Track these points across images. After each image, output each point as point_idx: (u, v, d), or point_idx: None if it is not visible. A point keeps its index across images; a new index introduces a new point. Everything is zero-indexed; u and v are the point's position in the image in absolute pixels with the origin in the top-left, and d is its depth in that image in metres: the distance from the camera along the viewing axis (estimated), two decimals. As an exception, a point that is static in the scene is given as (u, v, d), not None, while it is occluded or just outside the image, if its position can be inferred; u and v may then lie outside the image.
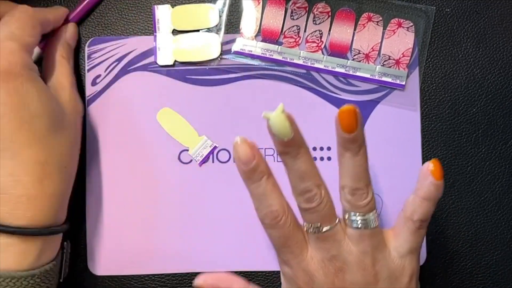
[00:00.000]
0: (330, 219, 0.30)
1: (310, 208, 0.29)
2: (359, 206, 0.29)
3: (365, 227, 0.29)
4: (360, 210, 0.29)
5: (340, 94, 0.38)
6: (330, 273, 0.30)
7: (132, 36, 0.38)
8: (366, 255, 0.29)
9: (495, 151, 0.38)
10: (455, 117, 0.38)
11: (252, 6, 0.38)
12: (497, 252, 0.38)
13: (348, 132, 0.28)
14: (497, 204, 0.38)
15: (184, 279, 0.37)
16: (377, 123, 0.38)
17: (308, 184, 0.29)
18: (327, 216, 0.29)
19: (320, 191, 0.29)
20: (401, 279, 0.30)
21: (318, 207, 0.29)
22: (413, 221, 0.30)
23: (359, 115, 0.28)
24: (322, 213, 0.29)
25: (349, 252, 0.30)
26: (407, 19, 0.38)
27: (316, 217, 0.29)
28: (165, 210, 0.37)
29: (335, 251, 0.30)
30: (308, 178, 0.29)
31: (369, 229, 0.29)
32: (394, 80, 0.38)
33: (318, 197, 0.29)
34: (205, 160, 0.38)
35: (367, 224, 0.29)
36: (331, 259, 0.30)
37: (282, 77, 0.38)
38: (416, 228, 0.30)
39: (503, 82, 0.38)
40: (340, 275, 0.30)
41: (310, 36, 0.38)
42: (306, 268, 0.30)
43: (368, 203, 0.29)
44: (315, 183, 0.29)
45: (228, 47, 0.38)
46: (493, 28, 0.38)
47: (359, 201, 0.29)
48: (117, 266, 0.37)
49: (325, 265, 0.30)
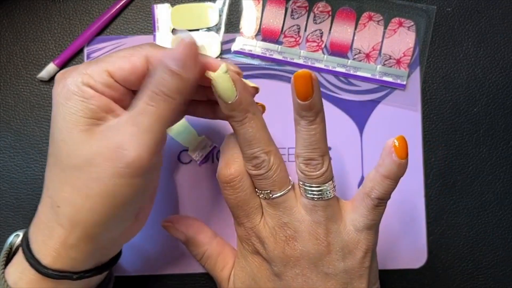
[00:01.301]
0: (280, 186, 0.29)
1: (258, 175, 0.29)
2: (313, 177, 0.29)
3: (320, 198, 0.29)
4: (314, 181, 0.29)
5: (340, 94, 0.38)
6: (281, 240, 0.29)
7: (132, 36, 0.38)
8: (319, 225, 0.29)
9: (496, 151, 0.38)
10: (456, 117, 0.38)
11: (252, 5, 0.38)
12: (498, 253, 0.38)
13: (303, 99, 0.27)
14: (498, 205, 0.38)
15: (184, 280, 0.37)
16: (377, 123, 0.37)
17: (255, 150, 0.29)
18: (277, 183, 0.29)
19: (268, 158, 0.29)
20: (355, 252, 0.29)
21: (266, 174, 0.29)
22: (371, 198, 0.29)
23: (316, 81, 0.27)
24: (271, 180, 0.29)
25: (301, 220, 0.29)
26: (408, 19, 0.37)
27: (265, 183, 0.29)
28: (165, 210, 0.37)
29: (286, 218, 0.29)
30: (255, 144, 0.28)
31: (324, 200, 0.29)
32: (395, 80, 0.37)
33: (266, 164, 0.29)
34: (205, 160, 0.37)
35: (322, 195, 0.29)
36: (282, 226, 0.29)
37: (282, 77, 0.38)
38: (374, 205, 0.29)
39: (504, 81, 0.38)
40: (291, 243, 0.29)
41: (311, 36, 0.38)
42: (258, 233, 0.30)
43: (323, 174, 0.28)
44: (263, 149, 0.29)
45: (228, 47, 0.38)
46: (494, 28, 0.38)
47: (314, 172, 0.28)
48: (117, 266, 0.37)
49: (276, 232, 0.30)
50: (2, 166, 0.38)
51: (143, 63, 0.27)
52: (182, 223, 0.35)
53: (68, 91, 0.26)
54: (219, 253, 0.34)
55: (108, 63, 0.27)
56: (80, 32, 0.38)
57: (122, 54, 0.27)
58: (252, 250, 0.31)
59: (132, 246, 0.37)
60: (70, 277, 0.27)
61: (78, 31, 0.38)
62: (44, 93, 0.38)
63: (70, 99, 0.26)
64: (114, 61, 0.27)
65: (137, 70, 0.27)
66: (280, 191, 0.29)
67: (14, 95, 0.38)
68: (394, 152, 0.28)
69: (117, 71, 0.27)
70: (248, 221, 0.30)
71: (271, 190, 0.29)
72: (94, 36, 0.38)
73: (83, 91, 0.26)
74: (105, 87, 0.27)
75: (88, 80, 0.26)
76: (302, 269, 0.29)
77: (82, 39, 0.38)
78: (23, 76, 0.38)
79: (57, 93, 0.27)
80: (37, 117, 0.38)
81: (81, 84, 0.26)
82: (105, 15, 0.38)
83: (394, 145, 0.28)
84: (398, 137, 0.29)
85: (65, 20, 0.38)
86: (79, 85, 0.26)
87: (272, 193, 0.29)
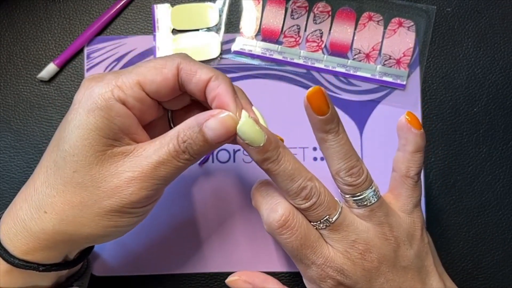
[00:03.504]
0: (335, 207, 0.28)
1: (312, 205, 0.28)
2: (361, 184, 0.28)
3: (372, 202, 0.29)
4: (362, 187, 0.29)
5: (340, 93, 0.38)
6: (357, 258, 0.29)
7: (132, 36, 0.38)
8: (382, 225, 0.29)
9: (496, 151, 0.38)
10: (456, 117, 0.38)
11: (252, 5, 0.38)
12: (498, 253, 0.38)
13: (322, 114, 0.27)
14: (498, 205, 0.38)
15: (183, 280, 0.37)
16: (377, 123, 0.37)
17: (300, 181, 0.27)
18: (331, 204, 0.28)
19: (314, 183, 0.28)
20: (415, 234, 0.30)
21: (319, 200, 0.28)
22: (411, 177, 0.30)
23: (327, 94, 0.27)
24: (326, 204, 0.28)
25: (366, 230, 0.29)
26: (407, 19, 0.37)
27: (322, 210, 0.28)
28: (164, 210, 0.37)
29: (353, 235, 0.29)
30: (298, 175, 0.28)
31: (377, 201, 0.29)
32: (395, 80, 0.37)
33: (316, 190, 0.28)
34: (205, 160, 0.37)
35: (373, 198, 0.29)
36: (353, 245, 0.29)
37: (282, 77, 0.38)
38: (414, 183, 0.30)
39: (504, 81, 0.38)
40: (367, 256, 0.29)
41: (311, 36, 0.38)
42: (333, 263, 0.28)
43: (366, 177, 0.29)
44: (306, 177, 0.28)
45: (228, 47, 0.38)
46: (494, 28, 0.38)
47: (359, 178, 0.28)
48: (117, 267, 0.37)
49: (349, 253, 0.28)
50: (2, 166, 0.38)
51: (175, 75, 0.26)
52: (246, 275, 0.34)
53: (93, 104, 0.25)
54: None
55: (139, 75, 0.26)
56: (80, 32, 0.38)
57: (153, 65, 0.26)
58: (333, 285, 0.29)
59: (132, 247, 0.37)
60: (36, 269, 0.27)
61: (78, 31, 0.38)
62: (44, 93, 0.38)
63: (92, 113, 0.25)
64: (146, 72, 0.26)
65: (169, 82, 0.26)
66: (336, 211, 0.28)
67: (14, 95, 0.38)
68: (412, 126, 0.30)
69: (149, 83, 0.26)
70: (318, 257, 0.28)
71: (329, 214, 0.28)
72: (94, 36, 0.38)
73: (109, 107, 0.25)
74: (135, 101, 0.26)
75: (119, 94, 0.25)
76: (384, 275, 0.29)
77: (82, 39, 0.38)
78: (23, 76, 0.38)
79: (79, 101, 0.26)
80: (37, 117, 0.38)
81: (109, 98, 0.25)
82: (105, 15, 0.38)
83: (408, 120, 0.30)
84: (406, 113, 0.30)
85: (65, 20, 0.38)
86: (108, 98, 0.25)
87: (331, 217, 0.28)
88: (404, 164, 0.30)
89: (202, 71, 0.27)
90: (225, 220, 0.37)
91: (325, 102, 0.27)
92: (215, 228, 0.37)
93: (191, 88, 0.27)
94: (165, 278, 0.37)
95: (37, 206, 0.26)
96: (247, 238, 0.37)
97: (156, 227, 0.37)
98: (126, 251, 0.37)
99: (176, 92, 0.28)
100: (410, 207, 0.30)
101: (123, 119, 0.26)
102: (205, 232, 0.37)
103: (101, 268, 0.37)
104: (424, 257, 0.30)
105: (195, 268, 0.37)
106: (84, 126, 0.25)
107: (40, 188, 0.26)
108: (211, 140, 0.26)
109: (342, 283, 0.29)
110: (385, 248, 0.29)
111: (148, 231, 0.37)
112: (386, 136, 0.37)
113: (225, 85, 0.27)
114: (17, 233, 0.26)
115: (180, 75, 0.27)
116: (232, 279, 0.34)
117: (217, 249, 0.37)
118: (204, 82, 0.27)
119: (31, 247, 0.26)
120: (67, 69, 0.38)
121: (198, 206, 0.37)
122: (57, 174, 0.26)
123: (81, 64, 0.38)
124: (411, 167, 0.30)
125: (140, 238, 0.37)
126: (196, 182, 0.37)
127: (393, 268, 0.29)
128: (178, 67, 0.26)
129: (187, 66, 0.27)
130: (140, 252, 0.37)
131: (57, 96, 0.38)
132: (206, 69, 0.27)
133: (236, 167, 0.37)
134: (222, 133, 0.26)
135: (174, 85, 0.27)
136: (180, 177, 0.37)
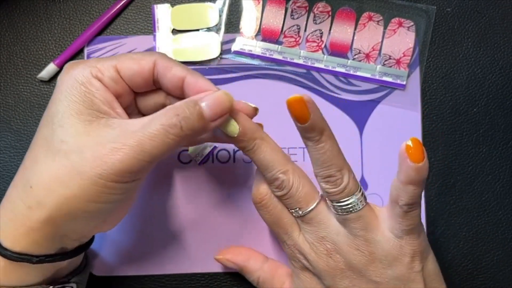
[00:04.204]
0: (307, 202, 0.29)
1: (282, 195, 0.30)
2: (336, 193, 0.28)
3: (349, 212, 0.28)
4: (338, 196, 0.28)
5: (340, 94, 0.38)
6: (322, 254, 0.30)
7: (132, 36, 0.38)
8: (356, 237, 0.29)
9: (496, 151, 0.38)
10: (456, 117, 0.38)
11: (252, 5, 0.38)
12: (498, 253, 0.38)
13: (302, 122, 0.27)
14: (498, 205, 0.38)
15: (183, 280, 0.37)
16: (377, 123, 0.37)
17: (273, 172, 0.29)
18: (302, 199, 0.29)
19: (287, 177, 0.29)
20: (401, 258, 0.29)
21: (289, 193, 0.29)
22: (400, 206, 0.28)
23: (310, 103, 0.27)
24: (296, 198, 0.29)
25: (337, 233, 0.29)
26: (407, 19, 0.38)
27: (291, 202, 0.30)
28: (165, 210, 0.37)
29: (322, 232, 0.30)
30: (271, 167, 0.29)
31: (354, 213, 0.28)
32: (395, 80, 0.37)
33: (286, 184, 0.29)
34: (205, 160, 0.37)
35: (351, 208, 0.28)
36: (321, 241, 0.30)
37: (282, 77, 0.38)
38: (404, 212, 0.28)
39: (504, 81, 0.38)
40: (333, 255, 0.29)
41: (311, 36, 0.38)
42: (300, 249, 0.31)
43: (344, 188, 0.28)
44: (279, 170, 0.29)
45: (228, 47, 0.38)
46: (494, 28, 0.38)
47: (335, 188, 0.28)
48: (117, 266, 0.37)
49: (315, 247, 0.30)
50: (2, 166, 0.38)
51: (151, 68, 0.28)
52: (231, 253, 0.35)
53: (75, 81, 0.27)
54: (273, 276, 0.34)
55: (117, 60, 0.28)
56: (80, 32, 0.38)
57: (132, 56, 0.29)
58: (301, 266, 0.31)
59: (132, 247, 0.37)
60: (30, 260, 0.27)
61: (78, 31, 0.38)
62: (44, 93, 0.38)
63: (75, 88, 0.27)
64: (124, 60, 0.28)
65: (144, 73, 0.28)
66: (308, 207, 0.30)
67: (14, 95, 0.38)
68: (408, 157, 0.26)
69: (125, 69, 0.28)
70: (288, 238, 0.31)
71: (299, 207, 0.30)
72: (94, 36, 0.38)
73: (90, 82, 0.27)
74: (111, 81, 0.28)
75: (97, 73, 0.27)
76: (351, 279, 0.29)
77: (82, 39, 0.38)
78: (23, 76, 0.38)
79: (62, 81, 0.27)
80: (37, 117, 0.38)
81: (89, 75, 0.27)
82: (105, 15, 0.38)
83: (408, 149, 0.26)
84: (412, 139, 0.27)
85: (65, 20, 0.39)
86: (87, 76, 0.27)
87: (301, 210, 0.30)
88: (395, 191, 0.28)
89: (177, 68, 0.29)
90: (225, 220, 0.37)
91: (305, 111, 0.27)
92: (215, 228, 0.37)
93: (166, 83, 0.29)
94: (165, 278, 0.37)
95: (24, 183, 0.26)
96: (248, 238, 0.37)
97: (156, 227, 0.37)
98: (126, 251, 0.37)
99: (150, 84, 0.29)
100: (399, 232, 0.28)
101: (102, 93, 0.27)
102: (205, 232, 0.37)
103: (100, 268, 0.37)
104: (409, 283, 0.29)
105: (195, 268, 0.37)
106: (68, 99, 0.27)
107: (29, 163, 0.27)
108: (207, 116, 0.27)
109: (308, 268, 0.31)
110: (353, 257, 0.29)
111: (148, 231, 0.37)
112: (386, 136, 0.37)
113: (203, 79, 0.29)
114: (7, 222, 0.26)
115: (156, 69, 0.29)
116: (217, 257, 0.36)
117: (217, 249, 0.37)
118: (178, 78, 0.28)
119: (20, 232, 0.26)
120: (67, 69, 0.38)
121: (198, 206, 0.37)
122: (44, 146, 0.26)
123: (81, 64, 0.38)
124: (400, 196, 0.27)
125: (140, 238, 0.37)
126: (196, 182, 0.37)
127: (362, 277, 0.29)
128: (154, 62, 0.28)
129: (163, 62, 0.29)
130: (140, 252, 0.37)
131: (57, 96, 0.38)
132: (181, 66, 0.29)
133: (236, 167, 0.37)
134: (218, 110, 0.27)
135: (149, 77, 0.29)
136: (180, 177, 0.37)
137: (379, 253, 0.29)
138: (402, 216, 0.28)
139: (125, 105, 0.29)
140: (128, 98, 0.29)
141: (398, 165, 0.27)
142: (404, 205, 0.27)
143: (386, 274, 0.29)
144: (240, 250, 0.36)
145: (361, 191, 0.29)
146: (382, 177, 0.37)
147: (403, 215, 0.28)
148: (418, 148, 0.26)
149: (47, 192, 0.26)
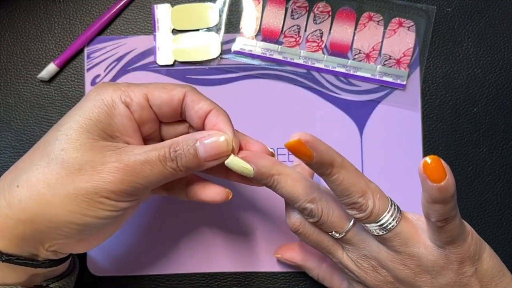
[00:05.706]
0: (341, 225, 0.29)
1: (315, 222, 0.30)
2: (364, 218, 0.28)
3: (384, 233, 0.28)
4: (366, 220, 0.28)
5: (340, 93, 0.38)
6: (369, 270, 0.30)
7: (132, 36, 0.38)
8: (398, 253, 0.29)
9: (496, 151, 0.38)
10: (456, 117, 0.38)
11: (252, 6, 0.38)
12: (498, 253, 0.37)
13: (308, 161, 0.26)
14: (498, 205, 0.38)
15: (183, 280, 0.37)
16: (377, 123, 0.37)
17: (300, 203, 0.29)
18: (335, 223, 0.29)
19: (315, 205, 0.29)
20: (449, 267, 0.28)
21: (321, 219, 0.29)
22: (433, 222, 0.27)
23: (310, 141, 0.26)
24: (329, 223, 0.29)
25: (378, 251, 0.29)
26: (408, 19, 0.37)
27: (326, 227, 0.30)
28: (164, 211, 0.37)
29: (364, 251, 0.30)
30: (296, 198, 0.29)
31: (389, 232, 0.28)
32: (395, 80, 0.37)
33: (315, 212, 0.29)
34: (205, 160, 0.37)
35: (384, 228, 0.28)
36: (364, 259, 0.30)
37: (282, 77, 0.38)
38: (438, 227, 0.27)
39: (504, 81, 0.38)
40: (379, 270, 0.30)
41: (311, 36, 0.38)
42: (346, 266, 0.31)
43: (372, 212, 0.27)
44: (305, 200, 0.29)
45: (228, 47, 0.38)
46: (494, 28, 0.38)
47: (361, 213, 0.28)
48: (117, 267, 0.37)
49: (360, 264, 0.30)
50: (2, 166, 0.38)
51: (180, 99, 0.29)
52: (288, 252, 0.36)
53: (101, 101, 0.27)
54: (331, 275, 0.35)
55: (148, 88, 0.29)
56: (81, 32, 0.38)
57: (164, 85, 0.29)
58: (351, 278, 0.32)
59: (132, 247, 0.37)
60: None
61: (78, 31, 0.38)
62: (44, 93, 0.38)
63: (97, 107, 0.27)
64: (155, 88, 0.29)
65: (173, 103, 0.29)
66: (343, 229, 0.30)
67: (14, 95, 0.38)
68: (427, 177, 0.25)
69: (155, 98, 0.28)
70: (333, 257, 0.31)
71: (334, 231, 0.30)
72: (94, 36, 0.38)
73: (114, 106, 0.27)
74: (139, 108, 0.28)
75: (126, 98, 0.28)
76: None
77: (82, 39, 0.38)
78: (23, 76, 0.38)
79: (89, 98, 0.28)
80: (37, 117, 0.38)
81: (117, 99, 0.27)
82: (105, 15, 0.38)
83: (426, 168, 0.25)
84: (431, 157, 0.25)
85: (65, 20, 0.39)
86: (115, 99, 0.27)
87: (337, 233, 0.30)
88: (424, 208, 0.27)
89: (205, 101, 0.29)
90: (225, 220, 0.37)
91: (306, 152, 0.26)
92: (215, 228, 0.37)
93: (192, 115, 0.29)
94: (165, 278, 0.37)
95: (11, 181, 0.26)
96: (249, 239, 0.37)
97: (156, 227, 0.37)
98: (125, 251, 0.37)
99: (176, 115, 0.30)
100: (440, 243, 0.28)
101: (123, 119, 0.27)
102: (206, 232, 0.37)
103: (100, 268, 0.37)
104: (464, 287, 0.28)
105: (196, 268, 0.37)
106: (85, 114, 0.27)
107: (22, 164, 0.27)
108: (201, 156, 0.27)
109: (359, 282, 0.31)
110: (400, 272, 0.29)
111: (148, 231, 0.37)
112: (386, 136, 0.37)
113: (225, 117, 0.29)
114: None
115: (184, 101, 0.29)
116: (277, 255, 0.36)
117: (217, 249, 0.37)
118: (205, 111, 0.29)
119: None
120: (67, 69, 0.38)
121: (199, 206, 0.37)
122: (44, 151, 0.26)
123: (81, 64, 0.38)
124: (430, 214, 0.26)
125: (140, 238, 0.37)
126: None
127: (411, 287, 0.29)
128: (185, 94, 0.29)
129: (193, 95, 0.29)
130: (140, 252, 0.37)
131: (57, 96, 0.38)
132: (209, 101, 0.29)
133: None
134: (213, 153, 0.28)
135: (177, 108, 0.29)
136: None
137: (425, 264, 0.28)
138: (439, 231, 0.27)
139: (149, 132, 0.30)
140: (153, 126, 0.30)
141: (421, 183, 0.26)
142: (437, 222, 0.26)
143: (436, 283, 0.28)
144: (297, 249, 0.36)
145: (393, 205, 0.28)
146: (383, 177, 0.37)
147: (438, 230, 0.27)
148: (437, 166, 0.25)
149: (31, 193, 0.26)
